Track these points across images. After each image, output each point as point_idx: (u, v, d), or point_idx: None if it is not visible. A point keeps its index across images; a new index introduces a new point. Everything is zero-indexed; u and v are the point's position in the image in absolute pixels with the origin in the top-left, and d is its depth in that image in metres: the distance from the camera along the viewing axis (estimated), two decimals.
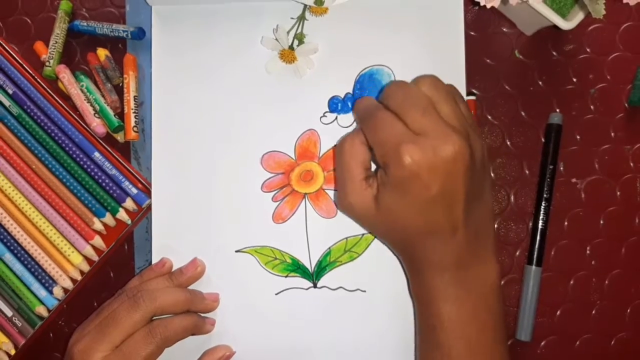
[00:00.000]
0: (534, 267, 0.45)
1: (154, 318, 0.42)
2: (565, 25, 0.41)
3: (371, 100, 0.40)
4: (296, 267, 0.45)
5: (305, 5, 0.44)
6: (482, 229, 0.39)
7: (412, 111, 0.36)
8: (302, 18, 0.45)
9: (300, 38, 0.45)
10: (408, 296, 0.44)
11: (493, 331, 0.39)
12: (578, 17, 0.41)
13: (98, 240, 0.46)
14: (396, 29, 0.45)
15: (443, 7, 0.45)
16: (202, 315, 0.45)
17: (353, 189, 0.39)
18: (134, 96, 0.47)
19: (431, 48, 0.45)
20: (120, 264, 0.48)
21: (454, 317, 0.38)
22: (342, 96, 0.46)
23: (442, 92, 0.37)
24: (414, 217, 0.37)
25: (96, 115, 0.47)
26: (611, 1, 0.39)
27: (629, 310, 0.46)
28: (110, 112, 0.47)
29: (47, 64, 0.47)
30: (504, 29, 0.47)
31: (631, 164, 0.47)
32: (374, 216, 0.38)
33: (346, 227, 0.45)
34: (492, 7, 0.41)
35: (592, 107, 0.47)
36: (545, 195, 0.46)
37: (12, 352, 0.45)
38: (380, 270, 0.45)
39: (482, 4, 0.40)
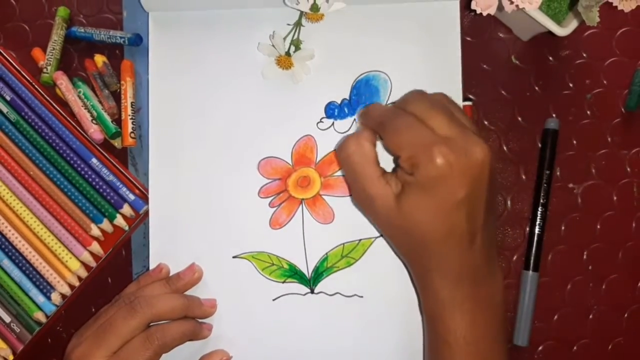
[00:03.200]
0: (530, 272, 0.45)
1: (151, 324, 0.42)
2: (560, 31, 0.41)
3: (387, 106, 0.40)
4: (293, 273, 0.45)
5: (302, 12, 0.44)
6: (492, 238, 0.39)
7: (439, 117, 0.36)
8: (298, 24, 0.45)
9: (296, 44, 0.45)
10: (405, 301, 0.44)
11: (503, 345, 0.39)
12: (573, 23, 0.41)
13: (96, 246, 0.46)
14: (392, 35, 0.45)
15: (440, 12, 0.45)
16: (200, 320, 0.45)
17: (372, 184, 0.38)
18: (131, 102, 0.47)
19: (428, 53, 0.45)
20: (118, 269, 0.48)
21: (469, 333, 0.37)
22: (339, 102, 0.46)
23: (455, 105, 0.39)
24: (437, 220, 0.36)
25: (94, 121, 0.47)
26: (607, 6, 0.39)
27: (626, 315, 0.46)
28: (108, 119, 0.47)
29: (44, 70, 0.47)
30: (501, 35, 0.47)
31: (628, 169, 0.47)
32: (394, 216, 0.37)
33: (343, 232, 0.45)
34: (489, 13, 0.41)
35: (588, 112, 0.47)
36: (542, 201, 0.46)
37: (11, 358, 0.45)
38: (377, 276, 0.45)
39: (478, 11, 0.40)
